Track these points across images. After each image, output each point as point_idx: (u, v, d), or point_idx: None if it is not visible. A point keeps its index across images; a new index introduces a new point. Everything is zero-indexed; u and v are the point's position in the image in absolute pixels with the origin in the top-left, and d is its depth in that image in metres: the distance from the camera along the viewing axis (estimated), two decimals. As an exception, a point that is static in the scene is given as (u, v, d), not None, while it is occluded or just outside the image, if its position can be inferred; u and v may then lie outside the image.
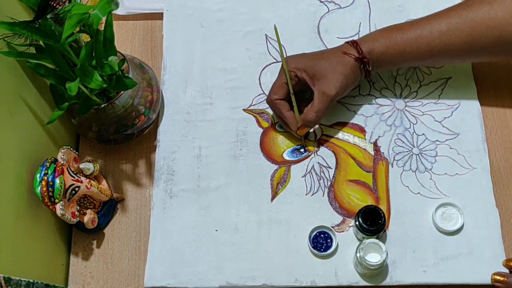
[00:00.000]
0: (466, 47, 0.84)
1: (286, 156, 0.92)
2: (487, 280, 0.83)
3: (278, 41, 0.91)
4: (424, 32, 0.85)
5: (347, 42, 0.88)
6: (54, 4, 0.74)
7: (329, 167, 0.91)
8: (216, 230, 0.87)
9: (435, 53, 0.86)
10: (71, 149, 0.83)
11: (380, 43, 0.86)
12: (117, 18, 1.00)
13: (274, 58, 0.98)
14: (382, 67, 0.89)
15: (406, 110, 0.94)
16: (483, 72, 0.96)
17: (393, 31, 0.87)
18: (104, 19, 0.78)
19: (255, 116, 0.94)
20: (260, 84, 0.96)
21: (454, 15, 0.84)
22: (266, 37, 0.99)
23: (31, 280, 0.74)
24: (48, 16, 0.73)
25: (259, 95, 0.96)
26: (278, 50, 0.94)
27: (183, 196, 0.89)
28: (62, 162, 0.80)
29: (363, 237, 0.83)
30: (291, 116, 0.88)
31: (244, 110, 0.95)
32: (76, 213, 0.82)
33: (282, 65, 0.89)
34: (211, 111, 0.95)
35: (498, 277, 0.82)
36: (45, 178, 0.77)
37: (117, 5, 0.78)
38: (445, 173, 0.89)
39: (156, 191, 0.90)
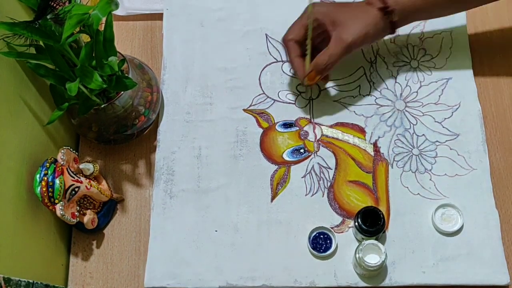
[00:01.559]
0: None
1: (286, 157, 0.92)
2: (487, 281, 0.83)
3: None
4: None
5: None
6: (54, 5, 0.74)
7: (329, 168, 0.91)
8: (216, 231, 0.87)
9: None
10: (71, 149, 0.83)
11: None
12: (117, 19, 0.99)
13: (274, 58, 0.98)
14: (410, 18, 0.87)
15: (406, 110, 0.93)
16: (483, 73, 0.96)
17: None
18: (104, 19, 0.78)
19: (255, 116, 0.94)
20: (260, 84, 0.96)
21: None
22: (266, 37, 0.99)
23: (30, 281, 0.75)
24: (48, 17, 0.73)
25: (259, 95, 0.96)
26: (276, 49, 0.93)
27: (183, 196, 0.90)
28: (62, 163, 0.80)
29: (363, 238, 0.83)
30: (299, 62, 0.87)
31: (244, 110, 0.95)
32: (76, 213, 0.82)
33: (306, 8, 0.87)
34: (211, 111, 0.95)
35: None
36: (45, 178, 0.77)
37: (117, 6, 0.78)
38: (445, 174, 0.89)
39: (156, 191, 0.90)
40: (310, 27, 0.85)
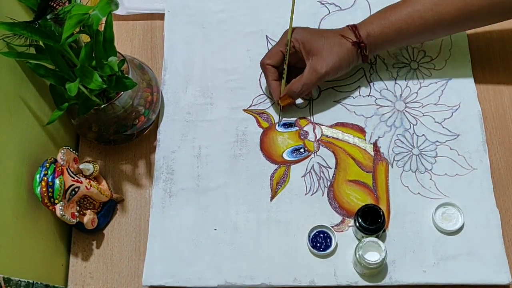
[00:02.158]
0: (459, 14, 0.85)
1: (285, 156, 0.92)
2: (487, 280, 0.83)
3: (292, 8, 0.88)
4: (416, 7, 0.86)
5: (347, 26, 0.90)
6: (54, 5, 0.74)
7: (329, 167, 0.91)
8: (215, 230, 0.87)
9: (430, 25, 0.87)
10: (71, 149, 0.83)
11: (376, 25, 0.88)
12: (117, 19, 1.00)
13: (274, 59, 0.98)
14: (381, 49, 0.91)
15: (406, 111, 0.94)
16: (483, 74, 0.96)
17: (387, 11, 0.89)
18: (104, 19, 0.78)
19: (255, 116, 0.94)
20: (260, 85, 0.96)
21: None
22: (267, 38, 0.99)
23: (30, 281, 0.75)
24: (48, 17, 0.73)
25: (259, 95, 0.96)
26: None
27: (183, 196, 0.90)
28: (62, 163, 0.80)
29: (363, 237, 0.83)
30: (275, 85, 0.91)
31: (244, 110, 0.95)
32: (76, 213, 0.82)
33: (284, 33, 0.91)
34: (211, 111, 0.95)
35: None
36: (45, 178, 0.77)
37: (117, 6, 0.78)
38: (445, 174, 0.89)
39: (155, 190, 0.90)
40: (287, 55, 0.90)
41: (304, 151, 0.92)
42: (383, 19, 0.88)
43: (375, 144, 0.92)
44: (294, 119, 0.94)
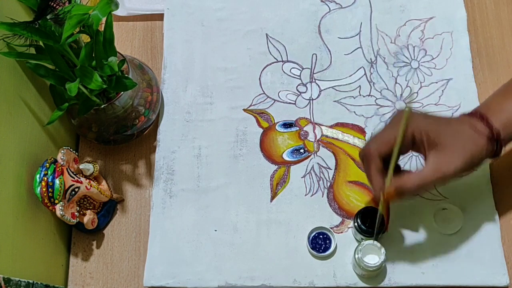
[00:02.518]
0: None
1: (285, 157, 0.92)
2: (486, 282, 0.83)
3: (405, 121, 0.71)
4: None
5: (471, 114, 0.74)
6: (54, 5, 0.74)
7: (329, 168, 0.91)
8: (216, 230, 0.88)
9: None
10: (71, 149, 0.83)
11: (509, 111, 0.72)
12: (117, 19, 0.99)
13: (275, 58, 0.97)
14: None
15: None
16: (483, 74, 0.96)
17: (510, 90, 0.75)
18: (104, 19, 0.78)
19: (255, 116, 0.94)
20: (260, 84, 0.96)
21: None
22: (267, 37, 0.99)
23: (30, 281, 0.75)
24: (48, 17, 0.73)
25: (259, 95, 0.96)
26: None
27: (183, 196, 0.90)
28: (62, 163, 0.80)
29: (362, 239, 0.83)
30: (379, 178, 0.73)
31: (244, 110, 0.95)
32: (76, 213, 0.82)
33: (396, 114, 0.75)
34: (211, 110, 0.95)
35: None
36: (45, 178, 0.77)
37: (117, 6, 0.78)
38: (445, 175, 0.89)
39: (155, 190, 0.90)
40: (399, 141, 0.71)
41: (304, 151, 0.92)
42: (510, 99, 0.73)
43: (375, 145, 0.91)
44: (294, 119, 0.94)
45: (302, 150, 0.92)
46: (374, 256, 0.81)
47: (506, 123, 0.71)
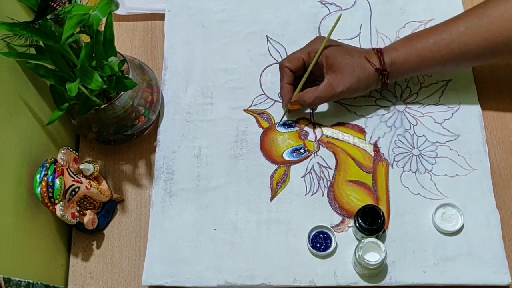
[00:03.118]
0: (486, 44, 0.83)
1: (286, 156, 0.92)
2: (487, 281, 0.83)
3: (335, 24, 0.88)
4: (443, 35, 0.85)
5: (373, 49, 0.89)
6: (54, 5, 0.74)
7: (329, 168, 0.91)
8: (215, 230, 0.87)
9: (456, 55, 0.85)
10: (71, 149, 0.83)
11: (401, 52, 0.86)
12: (117, 19, 1.00)
13: (275, 59, 0.98)
14: (402, 76, 0.89)
15: (406, 111, 0.93)
16: (483, 74, 0.96)
17: (413, 38, 0.87)
18: (104, 20, 0.78)
19: (255, 116, 0.94)
20: (260, 85, 0.96)
21: (471, 15, 0.84)
22: (267, 38, 0.99)
23: (30, 281, 0.75)
24: (48, 17, 0.73)
25: (260, 95, 0.96)
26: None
27: (183, 195, 0.90)
28: (62, 163, 0.80)
29: (363, 237, 0.83)
30: (288, 89, 0.90)
31: (244, 110, 0.95)
32: (76, 213, 0.82)
33: (311, 42, 0.90)
34: (211, 111, 0.95)
35: None
36: (45, 178, 0.77)
37: (117, 6, 0.78)
38: (445, 174, 0.89)
39: (155, 190, 0.90)
40: (313, 63, 0.88)
41: (304, 151, 0.92)
42: (408, 46, 0.86)
43: (375, 145, 0.92)
44: (294, 119, 0.94)
45: (302, 150, 0.92)
46: (374, 254, 0.81)
47: (393, 60, 0.86)
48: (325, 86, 0.87)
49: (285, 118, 0.94)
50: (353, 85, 0.87)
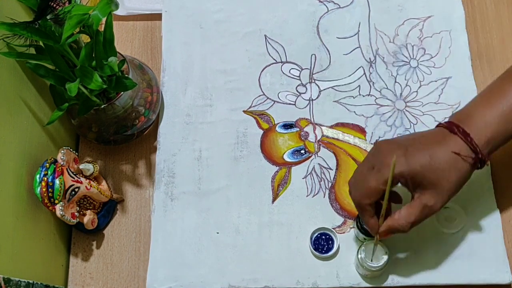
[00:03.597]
0: None
1: (286, 158, 0.91)
2: (489, 280, 0.83)
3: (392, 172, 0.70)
4: None
5: (451, 131, 0.71)
6: (54, 5, 0.74)
7: (330, 168, 0.90)
8: (218, 233, 0.87)
9: None
10: (71, 149, 0.83)
11: (493, 125, 0.69)
12: (117, 19, 0.99)
13: (274, 59, 0.98)
14: (496, 150, 0.73)
15: (406, 110, 0.93)
16: (483, 74, 0.96)
17: (495, 98, 0.71)
18: (104, 20, 0.78)
19: (255, 118, 0.94)
20: (260, 85, 0.96)
21: None
22: (266, 38, 0.99)
23: (30, 281, 0.74)
24: (48, 17, 0.73)
25: (259, 96, 0.95)
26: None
27: (184, 199, 0.89)
28: (62, 163, 0.80)
29: (364, 238, 0.83)
30: (374, 223, 0.75)
31: (244, 111, 0.95)
32: (76, 213, 0.82)
33: (382, 164, 0.72)
34: (211, 113, 0.95)
35: None
36: (45, 178, 0.77)
37: (117, 6, 0.78)
38: (446, 173, 0.89)
39: (157, 193, 0.89)
40: (388, 190, 0.72)
41: (305, 152, 0.92)
42: (495, 110, 0.70)
43: (375, 144, 0.91)
44: (294, 120, 0.94)
45: (302, 151, 0.92)
46: (377, 256, 0.80)
47: (490, 139, 0.70)
48: (418, 208, 0.71)
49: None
50: (452, 193, 0.71)
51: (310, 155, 0.91)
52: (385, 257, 0.79)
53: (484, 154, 0.70)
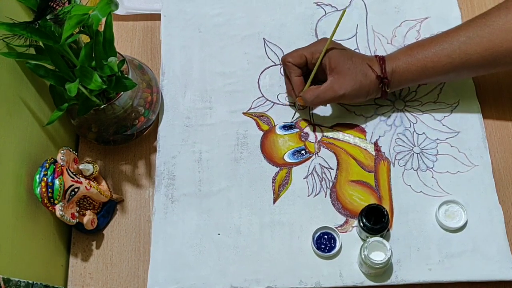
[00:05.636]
0: (487, 54, 0.83)
1: (287, 158, 0.91)
2: (492, 276, 0.82)
3: (338, 22, 0.87)
4: (444, 45, 0.84)
5: (375, 57, 0.89)
6: (54, 5, 0.74)
7: (331, 168, 0.90)
8: (219, 234, 0.87)
9: (457, 65, 0.84)
10: (71, 150, 0.83)
11: (402, 61, 0.86)
12: (116, 19, 1.00)
13: (273, 62, 0.98)
14: (403, 85, 0.89)
15: (405, 109, 0.94)
16: (483, 75, 0.96)
17: (414, 48, 0.87)
18: (103, 20, 0.79)
19: (255, 119, 0.94)
20: (259, 87, 0.96)
21: (472, 25, 0.84)
22: (264, 41, 1.00)
23: (30, 281, 0.74)
24: (48, 17, 0.73)
25: (258, 98, 0.96)
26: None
27: (185, 201, 0.89)
28: (62, 163, 0.79)
29: (367, 236, 0.82)
30: (299, 81, 0.90)
31: (243, 113, 0.95)
32: (76, 214, 0.81)
33: (315, 42, 0.90)
34: (210, 115, 0.95)
35: None
36: (45, 179, 0.77)
37: (116, 6, 0.79)
38: (447, 171, 0.89)
39: (157, 196, 0.89)
40: (318, 61, 0.88)
41: (305, 152, 0.91)
42: (410, 55, 0.86)
43: (376, 144, 0.91)
44: (294, 120, 0.94)
45: (303, 151, 0.92)
46: (380, 253, 0.80)
47: (395, 69, 0.86)
48: (326, 87, 0.87)
49: (297, 115, 0.94)
50: (354, 91, 0.86)
51: (310, 155, 0.91)
52: (388, 254, 0.78)
53: (387, 76, 0.87)
